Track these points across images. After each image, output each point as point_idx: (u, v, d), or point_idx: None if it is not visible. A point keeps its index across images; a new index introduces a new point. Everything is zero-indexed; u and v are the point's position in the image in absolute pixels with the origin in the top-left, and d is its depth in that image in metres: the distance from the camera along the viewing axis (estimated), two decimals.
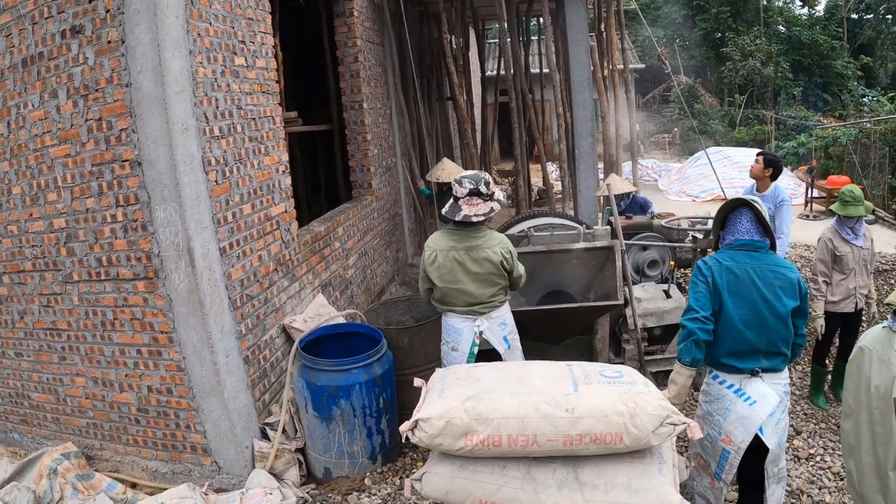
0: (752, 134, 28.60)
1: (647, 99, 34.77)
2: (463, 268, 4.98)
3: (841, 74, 34.69)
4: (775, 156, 7.48)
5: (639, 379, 3.73)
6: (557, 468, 3.43)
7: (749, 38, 33.94)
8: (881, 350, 3.23)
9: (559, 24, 11.09)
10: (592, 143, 9.92)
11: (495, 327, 5.15)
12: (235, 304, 5.24)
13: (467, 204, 4.91)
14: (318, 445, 5.55)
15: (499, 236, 5.07)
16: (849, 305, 6.48)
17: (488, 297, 5.08)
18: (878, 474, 3.26)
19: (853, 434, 3.40)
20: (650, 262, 7.52)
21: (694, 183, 18.84)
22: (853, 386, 3.39)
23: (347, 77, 8.73)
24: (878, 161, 18.46)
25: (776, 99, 33.10)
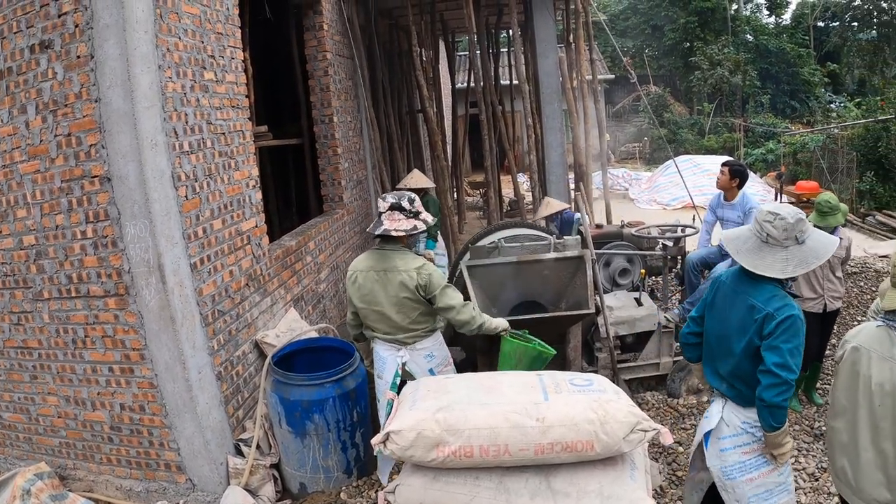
0: (722, 142, 28.92)
1: (617, 109, 35.02)
2: (382, 290, 4.85)
3: (808, 81, 35.24)
4: (741, 165, 7.61)
5: (609, 387, 3.76)
6: (530, 477, 3.44)
7: (717, 47, 34.44)
8: (880, 348, 3.32)
9: (528, 36, 11.21)
10: (562, 153, 9.99)
11: (420, 359, 5.00)
12: (207, 320, 5.22)
13: (388, 219, 4.80)
14: (292, 460, 5.53)
15: (419, 262, 4.87)
16: (817, 306, 6.58)
17: (408, 324, 4.91)
18: (882, 469, 3.32)
19: (846, 432, 3.47)
20: (621, 270, 7.58)
21: (664, 191, 19.03)
22: (847, 385, 3.47)
23: (317, 91, 8.74)
24: (846, 166, 18.77)
25: (745, 107, 33.53)
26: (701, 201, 9.66)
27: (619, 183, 22.48)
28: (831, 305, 6.63)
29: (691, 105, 36.24)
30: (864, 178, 18.32)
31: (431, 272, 4.81)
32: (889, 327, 3.33)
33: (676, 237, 7.50)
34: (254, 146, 6.33)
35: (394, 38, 12.66)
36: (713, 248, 7.75)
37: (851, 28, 38.32)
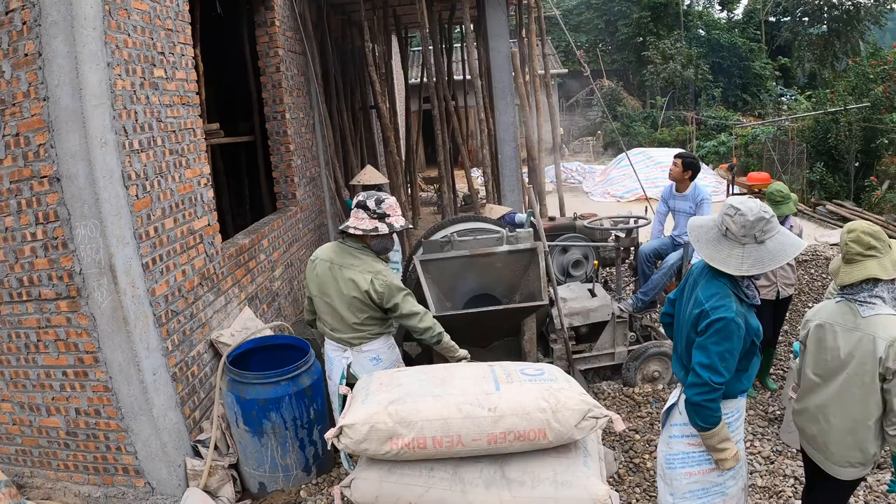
0: (675, 135, 29.24)
1: (571, 103, 35.26)
2: (335, 284, 4.82)
3: (759, 75, 35.85)
4: (693, 157, 7.72)
5: (560, 376, 3.82)
6: (484, 467, 3.50)
7: (670, 41, 34.87)
8: (844, 321, 3.69)
9: (481, 31, 11.23)
10: (515, 147, 10.04)
11: (365, 361, 4.93)
12: (160, 321, 5.18)
13: (354, 216, 4.79)
14: (251, 460, 5.52)
15: (378, 266, 4.81)
16: (770, 293, 6.73)
17: (355, 323, 4.86)
18: (852, 433, 3.68)
19: (817, 405, 3.77)
20: (574, 262, 7.65)
21: (618, 184, 19.20)
22: (815, 361, 3.78)
23: (269, 87, 8.69)
24: (796, 157, 19.07)
25: (697, 100, 33.92)
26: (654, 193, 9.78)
27: (573, 176, 22.63)
28: (784, 292, 6.78)
29: (644, 99, 36.68)
30: (814, 169, 18.63)
31: (390, 280, 4.74)
32: (848, 302, 3.66)
33: (629, 228, 7.58)
34: (205, 144, 6.29)
35: (346, 33, 12.62)
36: (665, 238, 7.86)
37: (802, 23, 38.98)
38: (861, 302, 3.71)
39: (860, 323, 3.66)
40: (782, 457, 5.92)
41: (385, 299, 4.70)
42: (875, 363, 3.57)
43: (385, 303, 4.71)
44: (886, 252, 3.74)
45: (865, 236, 3.72)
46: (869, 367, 3.60)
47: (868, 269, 3.68)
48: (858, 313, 3.68)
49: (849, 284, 3.75)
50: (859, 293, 3.73)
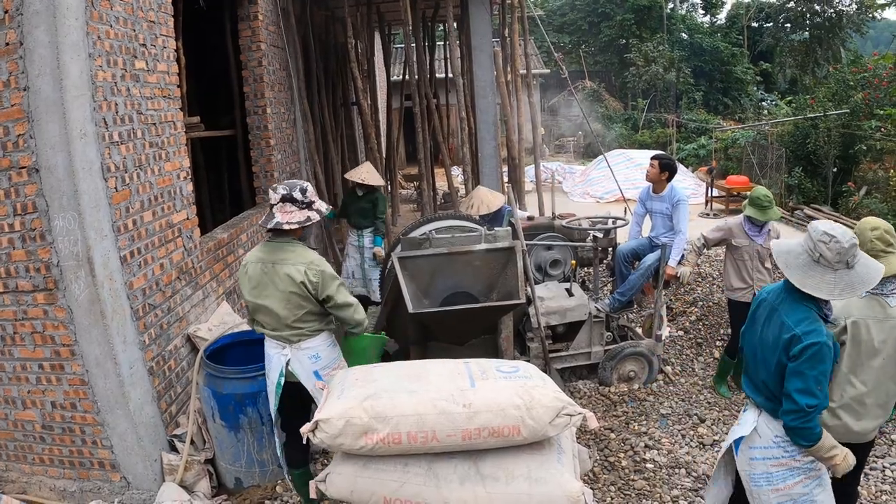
0: (655, 137, 29.38)
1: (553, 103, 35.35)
2: (270, 282, 4.60)
3: (741, 80, 36.15)
4: (670, 158, 7.78)
5: (535, 373, 3.85)
6: (459, 463, 3.53)
7: (652, 44, 35.13)
8: (874, 314, 3.93)
9: (464, 30, 11.25)
10: (495, 146, 10.07)
11: (304, 359, 4.72)
12: (138, 314, 5.18)
13: (280, 211, 4.58)
14: (227, 455, 5.53)
15: (311, 256, 4.65)
16: (747, 295, 6.84)
17: (294, 321, 4.65)
18: (884, 406, 4.05)
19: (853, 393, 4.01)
20: (552, 261, 7.69)
21: (598, 185, 19.24)
22: (852, 355, 3.97)
23: (251, 81, 8.68)
24: (776, 161, 19.21)
25: (678, 103, 34.13)
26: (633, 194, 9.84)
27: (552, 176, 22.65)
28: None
29: (626, 100, 36.84)
30: (792, 174, 18.76)
31: (324, 269, 4.61)
32: (875, 296, 3.97)
33: (607, 229, 7.63)
34: (185, 137, 6.29)
35: (329, 29, 12.60)
36: (643, 239, 7.92)
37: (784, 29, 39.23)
38: (887, 294, 3.97)
39: (890, 312, 3.93)
40: None
41: (320, 289, 4.57)
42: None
43: (320, 293, 4.58)
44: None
45: (888, 234, 4.03)
46: None
47: (892, 266, 3.95)
48: (887, 304, 3.95)
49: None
50: (885, 287, 3.98)
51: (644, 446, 6.16)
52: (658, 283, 7.12)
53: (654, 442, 6.23)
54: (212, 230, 7.34)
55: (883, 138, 17.63)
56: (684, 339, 8.37)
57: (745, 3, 41.06)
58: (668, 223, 7.57)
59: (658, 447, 6.15)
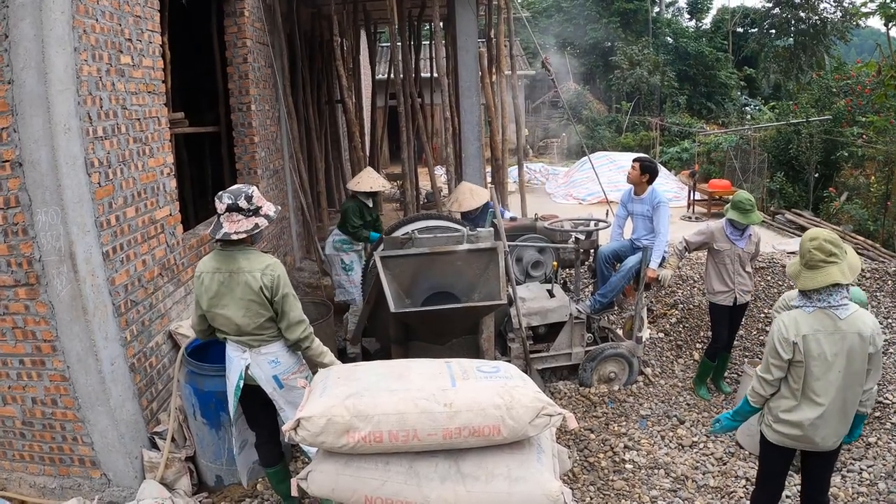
0: (638, 139, 29.53)
1: (537, 104, 35.45)
2: (228, 292, 4.51)
3: (725, 84, 36.42)
4: (651, 161, 7.84)
5: (515, 373, 3.88)
6: (440, 462, 3.55)
7: (637, 48, 35.31)
8: (824, 327, 4.06)
9: (450, 30, 11.27)
10: (479, 146, 10.09)
11: (264, 364, 4.66)
12: (119, 311, 5.17)
13: (227, 221, 4.46)
14: (208, 453, 5.52)
15: (267, 260, 4.58)
16: (728, 299, 6.93)
17: (254, 328, 4.59)
18: (843, 414, 4.19)
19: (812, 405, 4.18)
20: (534, 262, 7.72)
21: (581, 186, 19.31)
22: (808, 368, 4.14)
23: (236, 78, 8.67)
24: (758, 166, 19.41)
25: (662, 106, 34.32)
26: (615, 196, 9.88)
27: (536, 177, 22.74)
28: (741, 299, 6.95)
29: (610, 103, 37.01)
30: (774, 178, 18.98)
31: (279, 273, 4.56)
32: (822, 310, 4.09)
33: (589, 231, 7.67)
34: (169, 133, 6.28)
35: (315, 26, 12.59)
36: (624, 241, 7.97)
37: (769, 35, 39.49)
38: (835, 307, 4.06)
39: (840, 325, 4.04)
40: (734, 458, 6.10)
41: (274, 291, 4.51)
42: (864, 354, 4.06)
43: (274, 294, 4.52)
44: (844, 258, 4.07)
45: (827, 244, 4.05)
46: (859, 358, 4.06)
47: (831, 276, 4.00)
48: (837, 317, 4.05)
49: (814, 290, 4.09)
50: (830, 299, 4.07)
51: (623, 447, 6.19)
52: (639, 286, 7.18)
53: (633, 443, 6.26)
54: (194, 227, 7.33)
55: (864, 145, 17.80)
56: (664, 341, 8.43)
57: (730, 8, 41.45)
58: (649, 225, 7.63)
59: (637, 448, 6.19)
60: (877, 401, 6.85)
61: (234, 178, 9.10)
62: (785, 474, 4.59)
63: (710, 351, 7.30)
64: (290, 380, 4.71)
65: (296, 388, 4.66)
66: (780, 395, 4.31)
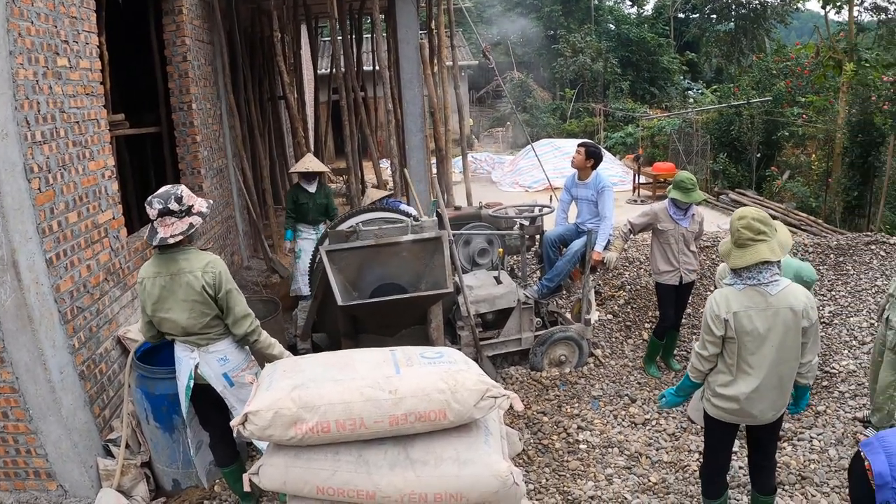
0: (583, 126, 29.80)
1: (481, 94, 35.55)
2: (171, 295, 4.48)
3: (667, 69, 36.98)
4: (595, 146, 7.91)
5: (459, 358, 3.95)
6: (388, 448, 3.60)
7: (580, 35, 35.57)
8: (755, 304, 4.15)
9: (391, 22, 11.28)
10: (422, 138, 10.11)
11: (213, 362, 4.65)
12: (66, 318, 5.11)
13: (161, 225, 4.39)
14: (163, 457, 5.49)
15: (206, 258, 4.55)
16: (674, 278, 7.07)
17: (201, 327, 4.57)
18: (781, 389, 4.30)
19: (748, 379, 4.28)
20: (480, 250, 7.78)
21: (526, 174, 19.45)
22: (741, 344, 4.24)
23: (176, 77, 8.58)
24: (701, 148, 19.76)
25: (605, 92, 34.62)
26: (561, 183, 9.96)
27: (482, 167, 22.84)
28: (687, 278, 7.08)
29: (554, 91, 37.24)
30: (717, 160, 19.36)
31: (220, 269, 4.54)
32: (753, 287, 4.17)
33: (533, 217, 7.76)
34: (110, 135, 6.21)
35: (255, 22, 12.53)
36: (570, 225, 8.06)
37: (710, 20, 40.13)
38: (765, 283, 4.15)
39: (771, 301, 4.12)
40: (686, 433, 6.24)
41: (216, 288, 4.51)
42: (797, 327, 4.15)
43: (217, 291, 4.52)
44: (773, 235, 4.17)
45: (755, 222, 4.14)
46: (792, 333, 4.16)
47: (760, 253, 4.09)
48: (767, 293, 4.13)
49: (744, 268, 4.17)
50: (759, 276, 4.14)
51: (577, 428, 6.30)
52: (585, 269, 7.27)
53: (586, 423, 6.37)
54: (139, 229, 7.27)
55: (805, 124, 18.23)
56: (613, 322, 8.54)
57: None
58: (594, 209, 7.71)
59: (591, 428, 6.30)
60: (824, 371, 7.05)
61: (178, 179, 9.02)
62: (730, 446, 4.70)
63: (658, 330, 7.43)
64: (239, 377, 4.70)
65: (246, 386, 4.63)
66: (717, 371, 4.42)
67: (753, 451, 4.72)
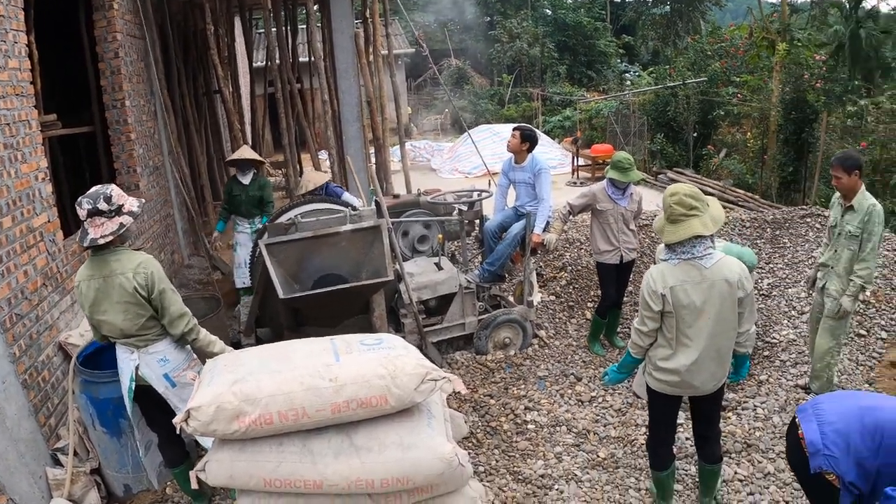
0: (521, 111, 29.97)
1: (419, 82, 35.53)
2: (106, 297, 4.43)
3: (604, 53, 37.35)
4: (531, 129, 7.99)
5: (398, 343, 3.99)
6: (332, 437, 3.62)
7: (517, 21, 35.70)
8: (690, 277, 4.26)
9: (325, 12, 11.25)
10: (359, 127, 10.13)
11: (153, 363, 4.62)
12: (5, 326, 5.00)
13: (91, 226, 4.34)
14: (112, 462, 5.42)
15: (138, 259, 4.48)
16: (614, 257, 7.17)
17: (138, 329, 4.53)
18: (717, 361, 4.41)
19: (686, 352, 4.40)
20: (420, 237, 7.82)
21: (465, 160, 19.54)
22: (679, 318, 4.34)
23: (108, 74, 8.44)
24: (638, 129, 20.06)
25: (543, 77, 34.79)
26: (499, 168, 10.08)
27: (421, 154, 22.86)
28: (627, 256, 7.20)
29: (492, 77, 37.35)
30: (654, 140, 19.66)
31: (152, 269, 4.48)
32: (687, 262, 4.28)
33: (471, 201, 7.82)
34: (42, 136, 6.11)
35: (188, 16, 12.39)
36: (509, 210, 8.13)
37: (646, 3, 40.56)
38: (699, 257, 4.25)
39: (706, 274, 4.23)
40: (633, 408, 6.38)
41: (150, 289, 4.49)
42: (733, 299, 4.27)
43: (150, 292, 4.48)
44: (706, 210, 4.26)
45: (687, 198, 4.23)
46: (728, 304, 4.28)
47: (692, 228, 4.19)
48: (702, 267, 4.24)
49: (678, 243, 4.27)
50: (693, 250, 4.25)
51: (524, 409, 6.39)
52: (525, 251, 7.35)
53: (533, 404, 6.47)
54: (75, 232, 7.17)
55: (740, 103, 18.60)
56: (556, 303, 8.64)
57: None
58: (532, 192, 7.79)
59: (538, 408, 6.40)
60: (765, 341, 7.24)
61: (113, 178, 8.89)
62: (673, 418, 4.83)
63: (600, 309, 7.54)
64: (181, 377, 4.68)
65: (188, 385, 4.61)
66: (657, 345, 4.53)
67: (697, 422, 4.84)
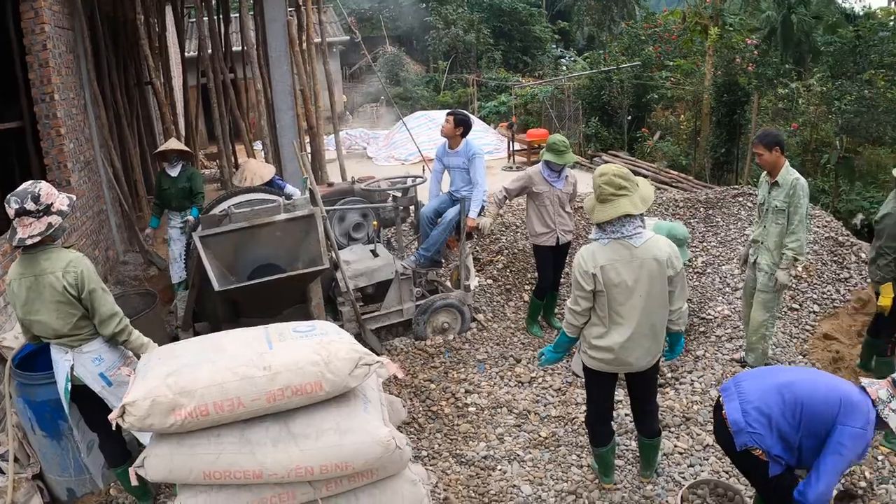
0: (457, 97, 29.98)
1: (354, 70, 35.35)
2: (37, 297, 4.38)
3: (539, 38, 37.48)
4: (465, 114, 8.03)
5: (331, 329, 4.01)
6: (270, 426, 3.63)
7: (452, 7, 35.67)
8: (620, 257, 4.35)
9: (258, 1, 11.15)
10: (293, 116, 10.06)
11: (88, 363, 4.57)
12: None
13: (20, 225, 4.29)
14: (54, 466, 5.33)
15: (68, 258, 4.42)
16: (551, 239, 7.27)
17: (70, 328, 4.47)
18: (655, 337, 4.54)
19: (619, 329, 4.49)
20: (355, 224, 7.83)
21: (401, 147, 19.50)
22: (611, 296, 4.43)
23: (36, 67, 8.22)
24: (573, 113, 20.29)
25: (478, 63, 34.85)
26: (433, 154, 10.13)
27: (357, 143, 22.78)
28: (563, 238, 7.31)
29: (428, 63, 37.29)
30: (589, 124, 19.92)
31: (82, 269, 4.42)
32: (617, 241, 4.37)
33: (405, 188, 7.86)
34: None
35: (117, 6, 12.15)
36: (444, 196, 8.18)
37: None
38: (629, 236, 4.34)
39: (636, 253, 4.33)
40: (572, 387, 6.53)
41: (79, 288, 4.40)
42: (663, 277, 4.38)
43: (80, 292, 4.40)
44: (635, 190, 4.36)
45: (616, 178, 4.32)
46: (658, 282, 4.38)
47: (622, 207, 4.28)
48: (632, 246, 4.33)
49: (607, 222, 4.35)
50: (623, 229, 4.34)
51: (465, 392, 6.48)
52: (461, 236, 7.41)
53: (473, 387, 6.56)
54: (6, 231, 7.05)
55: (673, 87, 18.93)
56: (493, 286, 8.72)
57: None
58: (466, 177, 7.84)
59: (478, 391, 6.49)
60: (700, 317, 7.43)
61: (44, 174, 8.72)
62: (611, 395, 4.93)
63: (537, 291, 7.64)
64: (116, 375, 4.65)
65: (125, 383, 4.54)
66: (591, 324, 4.62)
67: (634, 398, 4.98)
